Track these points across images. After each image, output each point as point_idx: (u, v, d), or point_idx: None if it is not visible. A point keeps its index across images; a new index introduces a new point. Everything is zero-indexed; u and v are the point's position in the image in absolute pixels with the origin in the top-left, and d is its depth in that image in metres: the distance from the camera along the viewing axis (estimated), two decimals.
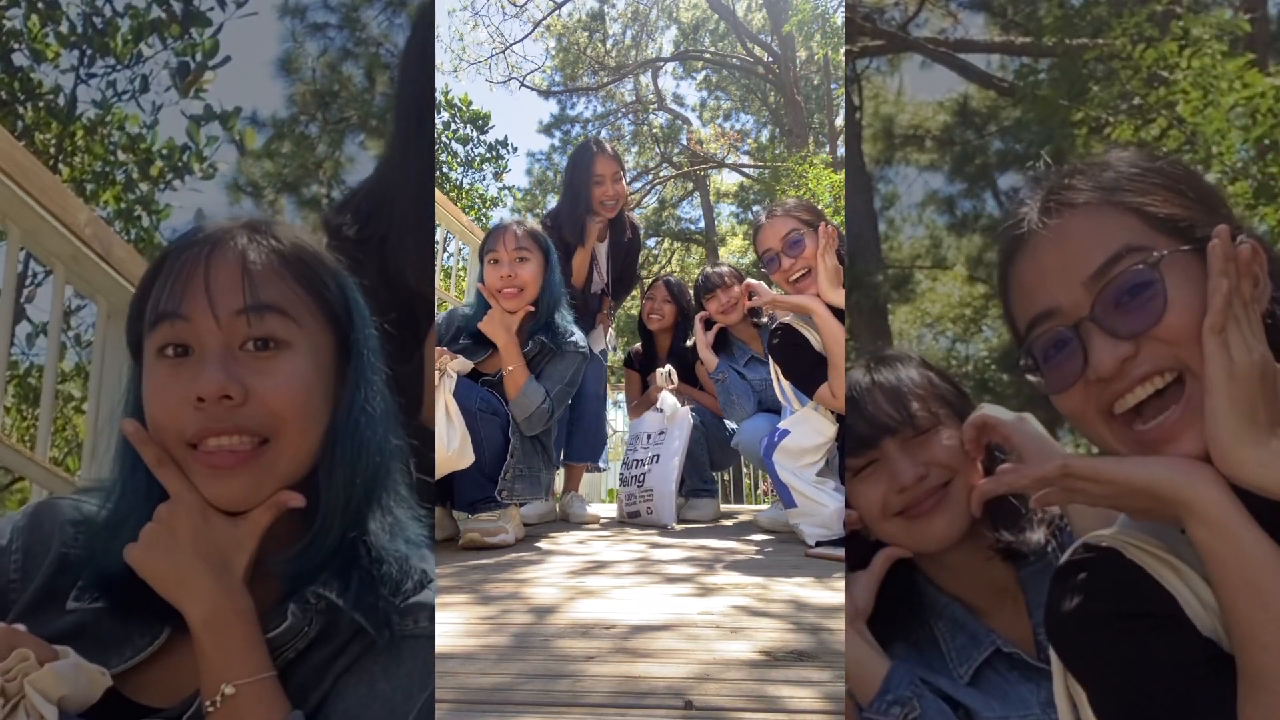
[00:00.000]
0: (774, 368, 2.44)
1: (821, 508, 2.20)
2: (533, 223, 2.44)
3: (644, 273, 12.20)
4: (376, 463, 0.75)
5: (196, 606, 0.68)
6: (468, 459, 2.15)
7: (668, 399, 2.97)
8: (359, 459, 0.74)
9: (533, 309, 2.36)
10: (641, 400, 3.40)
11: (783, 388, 2.42)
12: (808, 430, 2.27)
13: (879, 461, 0.95)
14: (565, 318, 2.43)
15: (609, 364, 3.69)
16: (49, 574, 0.74)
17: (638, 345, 3.62)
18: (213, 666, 0.68)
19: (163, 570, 0.69)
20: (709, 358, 2.83)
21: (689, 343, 3.39)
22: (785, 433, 2.30)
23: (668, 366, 3.07)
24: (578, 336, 2.42)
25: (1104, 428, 0.68)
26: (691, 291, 3.22)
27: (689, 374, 3.28)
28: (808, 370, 2.26)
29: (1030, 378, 0.71)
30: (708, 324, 2.90)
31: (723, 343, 2.91)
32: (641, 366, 3.49)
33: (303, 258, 0.75)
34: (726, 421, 3.14)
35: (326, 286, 0.75)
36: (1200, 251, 0.65)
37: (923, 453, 0.94)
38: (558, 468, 3.03)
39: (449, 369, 2.20)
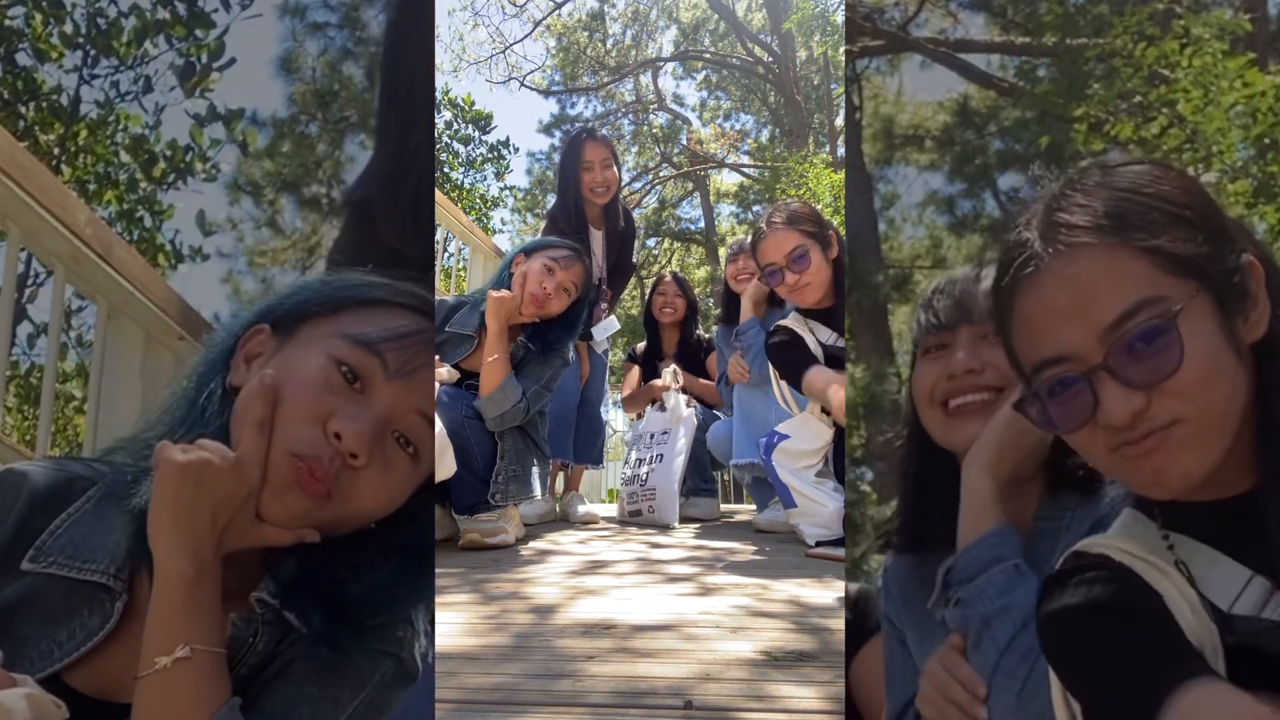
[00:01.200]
0: (772, 371, 2.45)
1: (821, 508, 2.20)
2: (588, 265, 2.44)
3: (644, 272, 12.20)
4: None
5: (186, 557, 0.66)
6: (447, 469, 2.14)
7: (672, 398, 2.96)
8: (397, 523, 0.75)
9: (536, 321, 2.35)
10: (638, 393, 3.40)
11: (781, 389, 2.42)
12: (806, 435, 2.28)
13: (949, 347, 0.93)
14: (568, 346, 2.43)
15: (609, 364, 3.69)
16: (6, 540, 0.72)
17: (641, 344, 3.62)
18: (172, 627, 0.65)
19: (185, 501, 0.66)
20: (748, 308, 2.78)
21: (699, 335, 3.42)
22: (784, 436, 2.30)
23: (674, 366, 3.06)
24: (565, 351, 2.42)
25: (1110, 466, 0.68)
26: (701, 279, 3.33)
27: (698, 368, 3.28)
28: (799, 364, 2.26)
29: (1031, 413, 0.70)
30: (728, 288, 2.98)
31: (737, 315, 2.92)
32: (645, 361, 3.49)
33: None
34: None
35: None
36: (1211, 291, 0.64)
37: (989, 351, 0.90)
38: (550, 461, 3.03)
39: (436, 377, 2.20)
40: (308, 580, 0.72)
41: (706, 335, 3.45)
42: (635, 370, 3.52)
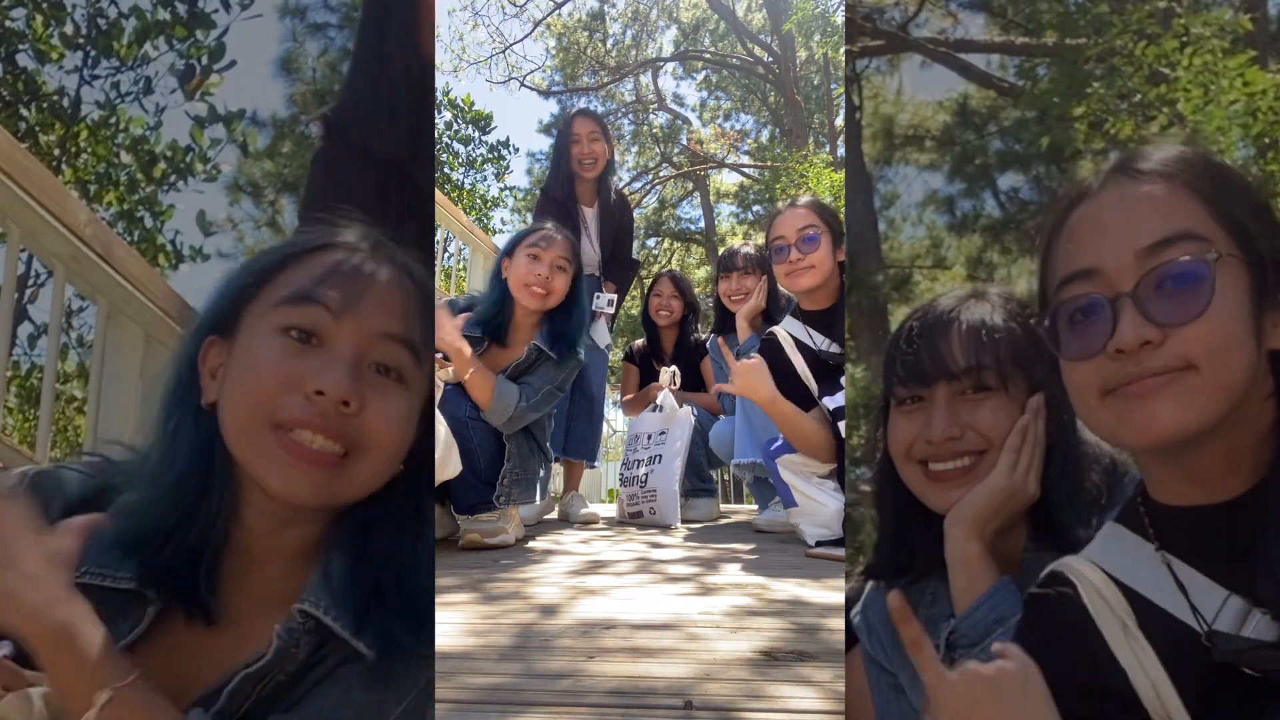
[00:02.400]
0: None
1: (822, 508, 2.20)
2: (574, 240, 2.42)
3: (644, 272, 12.19)
4: (422, 531, 0.76)
5: (40, 619, 0.61)
6: (452, 469, 2.13)
7: (667, 399, 2.97)
8: (422, 519, 0.75)
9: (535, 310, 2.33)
10: (637, 397, 3.40)
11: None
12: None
13: (925, 402, 0.88)
14: (575, 340, 2.38)
15: (609, 360, 3.69)
16: None
17: (640, 341, 3.61)
18: (73, 682, 0.62)
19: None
20: (744, 328, 2.82)
21: (697, 335, 3.42)
22: (787, 445, 2.28)
23: (673, 367, 3.06)
24: (578, 351, 2.38)
25: (1100, 409, 0.66)
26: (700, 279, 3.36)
27: (695, 371, 3.28)
28: (790, 396, 2.21)
29: (1043, 334, 0.69)
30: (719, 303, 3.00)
31: (729, 329, 2.94)
32: (643, 363, 3.49)
33: (430, 297, 0.76)
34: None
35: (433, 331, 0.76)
36: (1253, 267, 0.64)
37: (969, 413, 0.86)
38: (554, 461, 3.04)
39: (438, 378, 2.19)
40: (351, 585, 0.71)
41: (705, 335, 3.45)
42: (634, 372, 3.52)
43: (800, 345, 2.31)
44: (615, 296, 3.14)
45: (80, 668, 0.62)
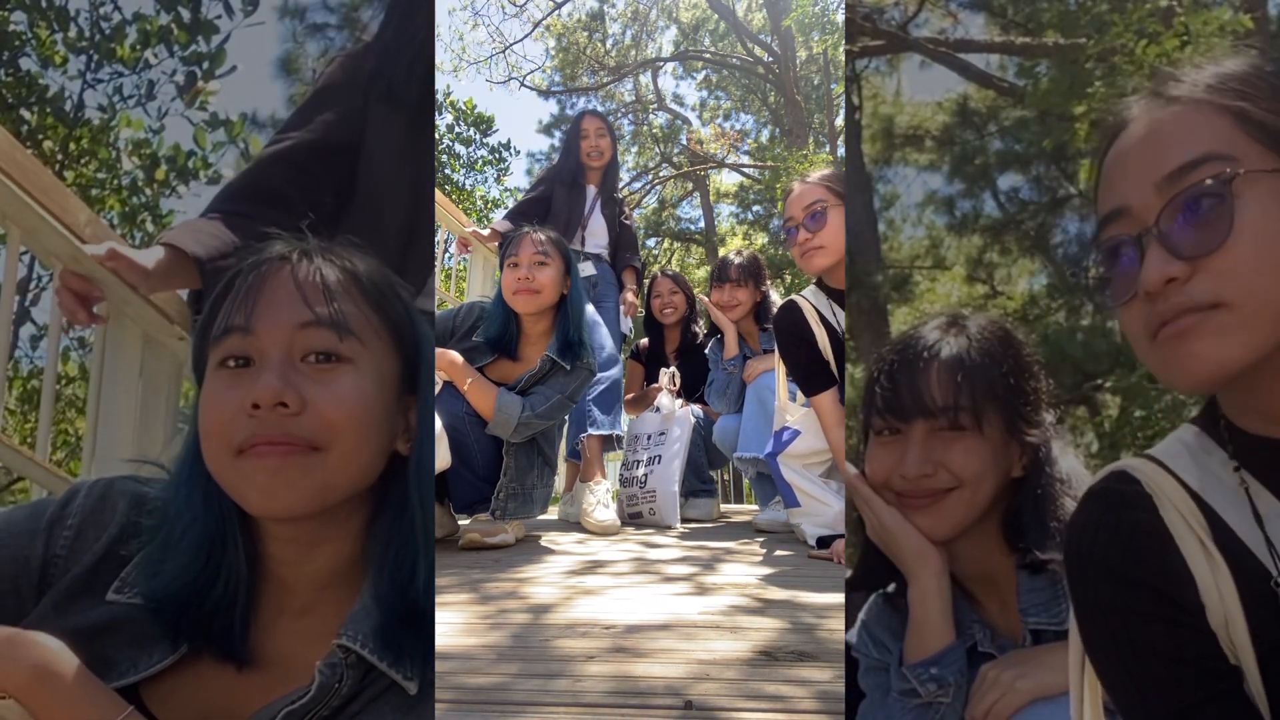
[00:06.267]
0: (780, 371, 2.39)
1: (826, 508, 2.18)
2: (553, 234, 2.43)
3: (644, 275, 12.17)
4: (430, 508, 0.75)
5: (21, 666, 0.61)
6: (442, 461, 2.12)
7: (665, 400, 2.97)
8: (425, 500, 0.73)
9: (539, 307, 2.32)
10: (638, 396, 3.41)
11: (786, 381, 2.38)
12: (819, 431, 2.21)
13: (902, 435, 0.90)
14: (590, 336, 2.36)
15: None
16: (95, 560, 0.72)
17: (643, 340, 3.62)
18: None
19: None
20: (731, 345, 2.97)
21: (697, 330, 3.45)
22: (795, 432, 2.27)
23: (672, 369, 3.06)
24: (589, 355, 2.34)
25: (1149, 355, 0.62)
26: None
27: (701, 368, 3.23)
28: (806, 368, 2.19)
29: (1094, 285, 0.66)
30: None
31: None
32: (648, 361, 3.49)
33: (374, 279, 0.75)
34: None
35: (395, 310, 0.75)
36: None
37: (942, 450, 0.88)
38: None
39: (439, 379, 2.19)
40: (385, 614, 0.70)
41: (703, 335, 3.46)
42: (638, 370, 3.52)
43: (822, 319, 2.19)
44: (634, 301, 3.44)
45: (74, 706, 0.61)
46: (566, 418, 2.73)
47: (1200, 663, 0.60)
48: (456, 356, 2.27)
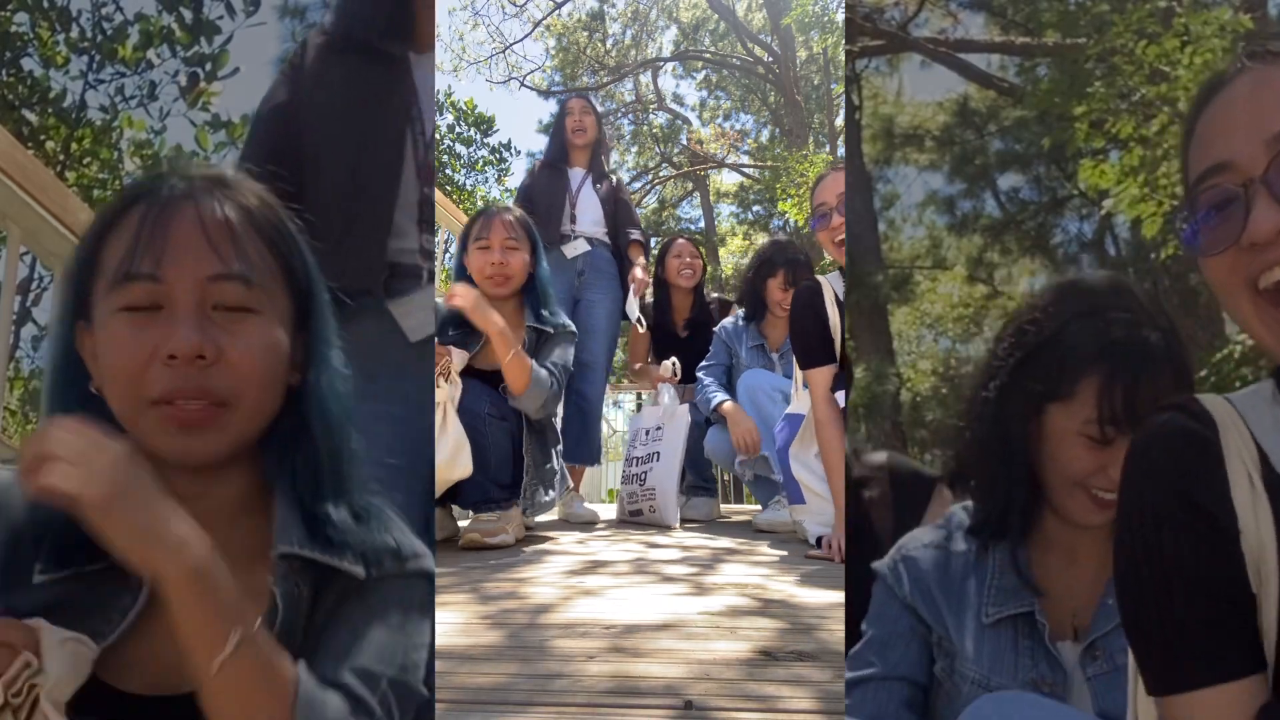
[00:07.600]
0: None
1: (830, 506, 2.18)
2: (519, 212, 2.46)
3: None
4: (341, 438, 0.75)
5: (180, 557, 0.62)
6: (461, 470, 2.12)
7: (665, 393, 2.94)
8: (328, 430, 0.74)
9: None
10: (644, 368, 3.37)
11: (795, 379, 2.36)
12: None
13: (1114, 444, 0.85)
14: (555, 310, 2.43)
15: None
16: (5, 550, 0.70)
17: (649, 303, 3.48)
18: (207, 623, 0.62)
19: (138, 523, 0.62)
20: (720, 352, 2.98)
21: (712, 304, 3.45)
22: (798, 417, 2.26)
23: (673, 359, 3.02)
24: (565, 320, 2.44)
25: (1248, 303, 0.62)
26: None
27: (708, 345, 3.14)
28: (810, 339, 2.18)
29: (1183, 234, 0.66)
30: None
31: (761, 314, 2.99)
32: (654, 329, 3.37)
33: (271, 220, 0.74)
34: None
35: (290, 252, 0.75)
36: None
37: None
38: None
39: (452, 372, 2.18)
40: (307, 510, 0.72)
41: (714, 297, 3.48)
42: (644, 338, 3.41)
43: (839, 304, 2.22)
44: (642, 293, 3.33)
45: (215, 608, 0.62)
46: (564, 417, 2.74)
47: (1220, 587, 0.60)
48: (506, 327, 2.25)
